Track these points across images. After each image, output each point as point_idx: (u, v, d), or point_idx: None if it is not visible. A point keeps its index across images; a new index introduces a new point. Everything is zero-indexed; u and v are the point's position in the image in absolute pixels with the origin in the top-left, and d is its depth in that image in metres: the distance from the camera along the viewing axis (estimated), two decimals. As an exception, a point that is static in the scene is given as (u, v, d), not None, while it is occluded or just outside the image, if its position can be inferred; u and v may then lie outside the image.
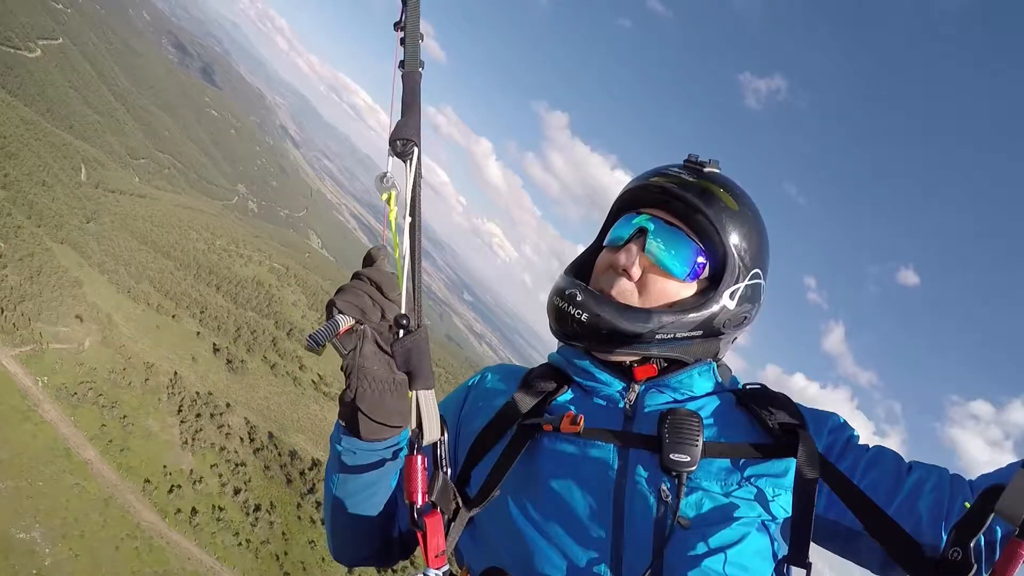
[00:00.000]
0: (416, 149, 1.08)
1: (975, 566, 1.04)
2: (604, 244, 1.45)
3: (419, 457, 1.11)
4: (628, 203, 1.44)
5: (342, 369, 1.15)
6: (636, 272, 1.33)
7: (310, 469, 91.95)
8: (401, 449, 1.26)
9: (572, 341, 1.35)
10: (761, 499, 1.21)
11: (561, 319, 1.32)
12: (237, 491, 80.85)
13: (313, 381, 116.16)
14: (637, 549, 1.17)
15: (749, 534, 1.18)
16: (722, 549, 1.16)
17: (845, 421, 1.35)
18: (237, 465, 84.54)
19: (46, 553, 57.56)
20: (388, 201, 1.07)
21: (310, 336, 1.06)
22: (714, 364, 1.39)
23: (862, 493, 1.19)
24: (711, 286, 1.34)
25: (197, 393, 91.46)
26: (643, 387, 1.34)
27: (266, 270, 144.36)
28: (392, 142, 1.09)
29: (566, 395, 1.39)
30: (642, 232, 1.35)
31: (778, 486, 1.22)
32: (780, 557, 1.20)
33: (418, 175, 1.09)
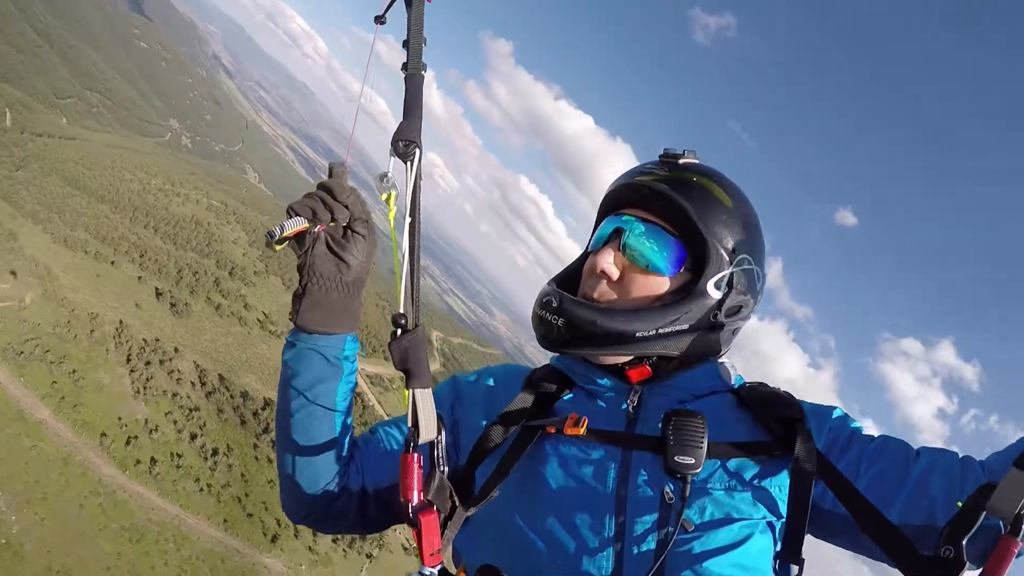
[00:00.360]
0: (418, 151, 1.10)
1: (967, 564, 1.05)
2: (588, 250, 1.46)
3: (415, 455, 1.11)
4: (610, 206, 1.43)
5: (297, 269, 1.21)
6: (614, 272, 1.32)
7: (263, 409, 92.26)
8: (347, 359, 1.28)
9: (558, 348, 1.34)
10: (764, 499, 1.22)
11: (543, 327, 1.32)
12: (193, 437, 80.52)
13: (259, 320, 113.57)
14: (640, 552, 1.16)
15: (752, 535, 1.19)
16: (725, 550, 1.16)
17: (846, 414, 1.35)
18: (191, 411, 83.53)
19: (12, 521, 55.74)
20: (388, 201, 1.08)
21: (267, 232, 1.11)
22: (717, 363, 1.38)
23: (856, 491, 1.20)
24: (694, 278, 1.32)
25: (144, 340, 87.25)
26: (645, 389, 1.33)
27: (204, 208, 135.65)
28: (395, 143, 1.09)
29: (568, 397, 1.39)
30: (619, 232, 1.34)
31: (779, 484, 1.23)
32: (775, 553, 1.21)
33: (419, 176, 1.10)
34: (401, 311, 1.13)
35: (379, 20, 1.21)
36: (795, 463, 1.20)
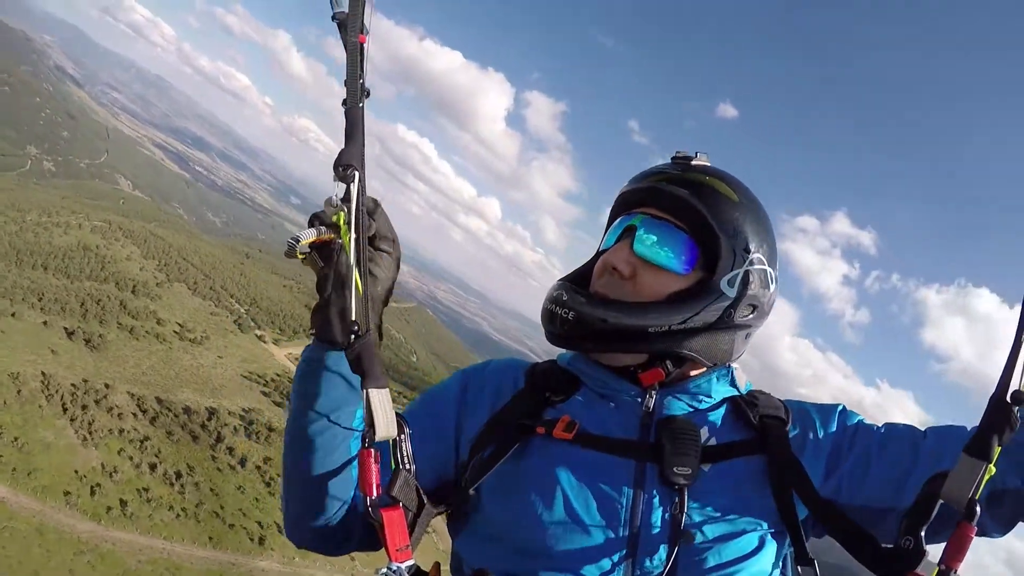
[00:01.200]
0: (357, 173, 1.15)
1: (927, 553, 1.07)
2: (600, 249, 1.46)
3: (371, 451, 1.13)
4: (622, 207, 1.42)
5: (318, 283, 1.20)
6: (626, 269, 1.30)
7: (208, 419, 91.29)
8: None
9: (565, 342, 1.33)
10: (763, 503, 1.23)
11: (551, 320, 1.31)
12: (153, 467, 78.41)
13: (175, 332, 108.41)
14: (646, 563, 1.16)
15: (763, 543, 1.21)
16: (738, 562, 1.17)
17: (844, 407, 1.37)
18: (142, 442, 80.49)
19: (13, 607, 56.16)
20: (338, 221, 1.15)
21: (290, 238, 1.15)
22: (733, 369, 1.39)
23: (816, 492, 1.21)
24: (707, 276, 1.30)
25: (73, 385, 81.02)
26: (659, 393, 1.31)
27: (87, 232, 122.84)
28: (336, 168, 1.15)
29: (576, 398, 1.36)
30: (630, 230, 1.33)
31: (767, 487, 1.23)
32: (783, 558, 1.22)
33: (360, 195, 1.16)
34: (353, 319, 1.15)
35: (335, 19, 1.20)
36: (768, 462, 1.24)
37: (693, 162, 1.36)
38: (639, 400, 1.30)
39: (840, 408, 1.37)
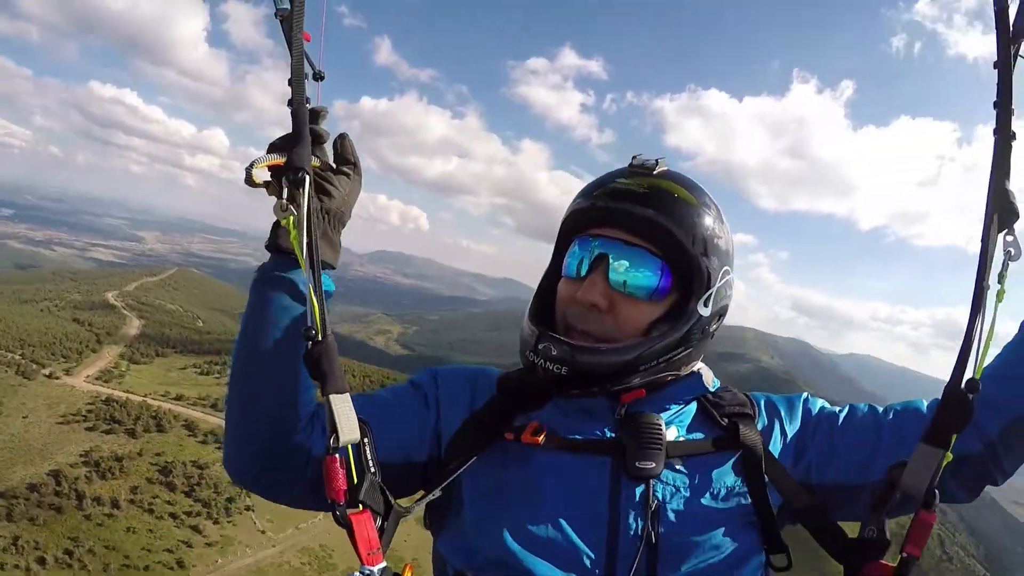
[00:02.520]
0: (307, 177, 1.16)
1: (891, 544, 1.12)
2: (563, 273, 1.38)
3: (336, 457, 1.12)
4: (581, 225, 1.35)
5: (282, 204, 1.17)
6: (604, 304, 1.27)
7: (57, 484, 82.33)
8: (325, 294, 1.20)
9: (563, 393, 1.30)
10: (734, 495, 1.25)
11: (545, 375, 1.26)
12: (42, 561, 70.31)
13: None
14: (622, 559, 1.17)
15: (737, 531, 1.23)
16: (713, 552, 1.20)
17: (808, 396, 1.43)
18: (14, 544, 71.24)
19: None
20: (288, 225, 1.15)
21: (246, 167, 1.18)
22: (700, 374, 1.40)
23: (789, 476, 1.28)
24: (682, 298, 1.30)
25: None
26: (631, 402, 1.32)
27: None
28: (286, 172, 1.17)
29: (549, 406, 1.35)
30: (602, 259, 1.28)
31: (738, 478, 1.26)
32: (759, 547, 1.25)
33: (311, 200, 1.17)
34: (309, 325, 1.15)
35: (277, 15, 1.19)
36: (742, 456, 1.27)
37: (655, 171, 1.31)
38: (612, 410, 1.32)
39: (804, 397, 1.43)
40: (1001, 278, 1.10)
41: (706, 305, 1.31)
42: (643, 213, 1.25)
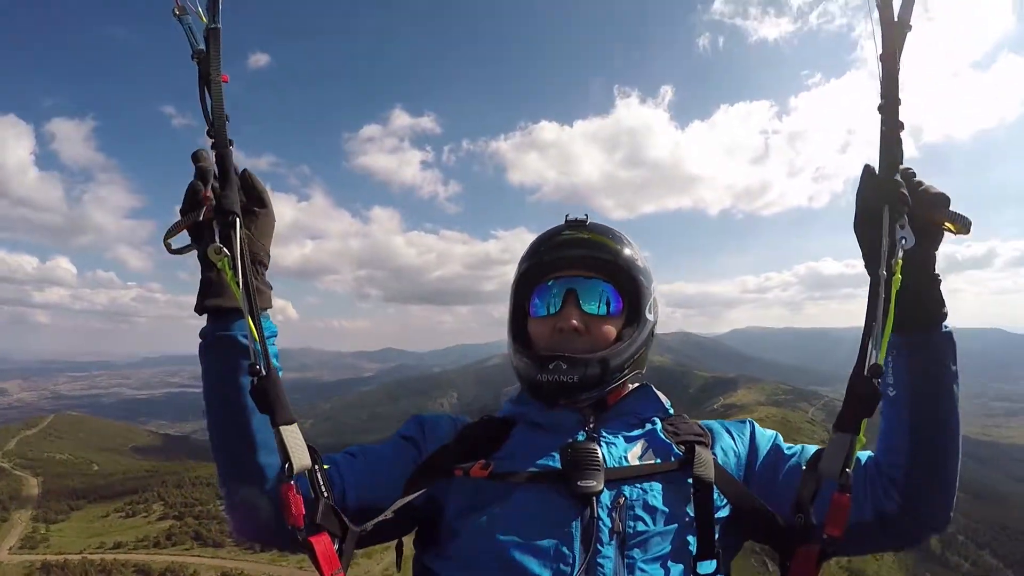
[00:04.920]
0: (237, 219, 1.22)
1: (816, 527, 1.24)
2: (532, 315, 1.63)
3: (292, 484, 1.19)
4: (536, 275, 1.64)
5: (209, 254, 1.23)
6: (583, 327, 1.53)
7: None
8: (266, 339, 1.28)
9: (567, 398, 1.51)
10: (681, 512, 1.38)
11: (556, 387, 1.48)
12: None
13: None
14: (594, 552, 1.29)
15: (682, 547, 1.34)
16: (654, 562, 1.31)
17: (753, 423, 1.64)
18: None
19: None
20: (224, 267, 1.20)
21: (165, 237, 1.28)
22: (651, 387, 1.67)
23: (736, 483, 1.44)
24: (633, 311, 1.60)
25: None
26: (597, 419, 1.54)
27: None
28: (217, 215, 1.22)
29: (506, 445, 1.51)
30: (570, 293, 1.57)
31: (687, 496, 1.39)
32: (691, 555, 1.34)
33: (243, 240, 1.22)
34: (252, 361, 1.20)
35: (194, 57, 1.24)
36: (694, 473, 1.38)
37: (588, 223, 1.65)
38: (581, 423, 1.52)
39: (750, 422, 1.64)
40: (896, 266, 1.16)
41: (650, 312, 1.64)
42: (592, 252, 1.60)
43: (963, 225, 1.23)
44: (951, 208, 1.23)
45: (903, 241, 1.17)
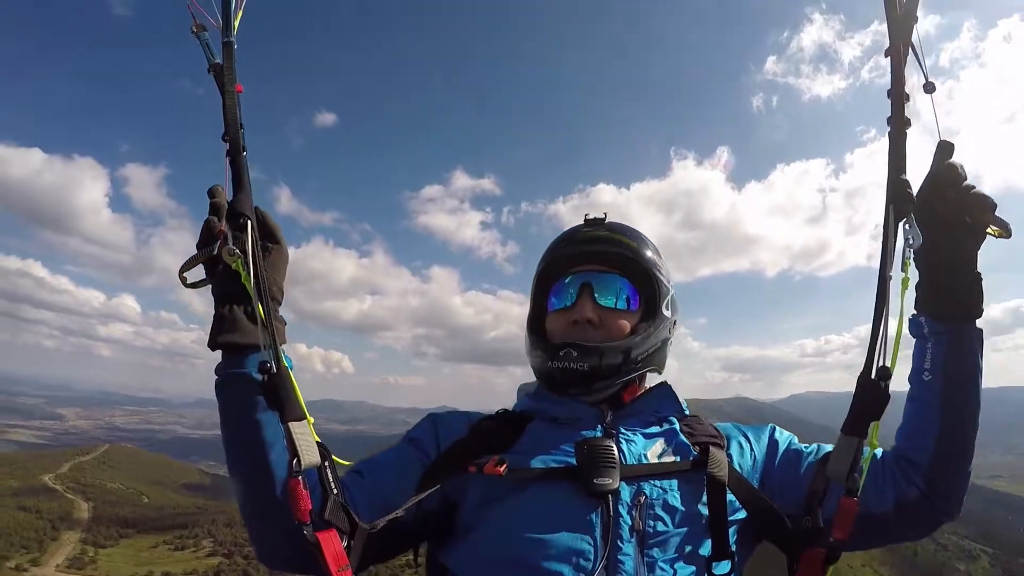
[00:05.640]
0: (249, 221, 1.23)
1: (824, 530, 1.25)
2: (550, 311, 1.66)
3: (299, 479, 1.17)
4: (555, 271, 1.67)
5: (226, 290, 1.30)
6: (596, 319, 1.55)
7: None
8: None
9: (572, 388, 1.52)
10: (696, 512, 1.37)
11: (566, 374, 1.49)
12: None
13: None
14: (614, 549, 1.28)
15: (699, 546, 1.34)
16: (672, 561, 1.31)
17: (775, 427, 1.63)
18: None
19: None
20: (237, 266, 1.22)
21: (181, 271, 1.28)
22: (669, 385, 1.66)
23: (750, 485, 1.43)
24: (650, 306, 1.61)
25: None
26: (614, 415, 1.53)
27: None
28: (230, 218, 1.24)
29: (521, 441, 1.49)
30: (586, 286, 1.58)
31: (703, 496, 1.39)
32: (707, 555, 1.34)
33: (255, 242, 1.23)
34: (264, 359, 1.21)
35: (211, 69, 1.28)
36: (708, 474, 1.39)
37: (607, 220, 1.67)
38: (598, 418, 1.52)
39: (771, 427, 1.63)
40: (904, 267, 1.17)
41: (667, 308, 1.64)
42: (610, 248, 1.61)
43: (1005, 229, 1.29)
44: (996, 213, 1.28)
45: (910, 240, 1.18)
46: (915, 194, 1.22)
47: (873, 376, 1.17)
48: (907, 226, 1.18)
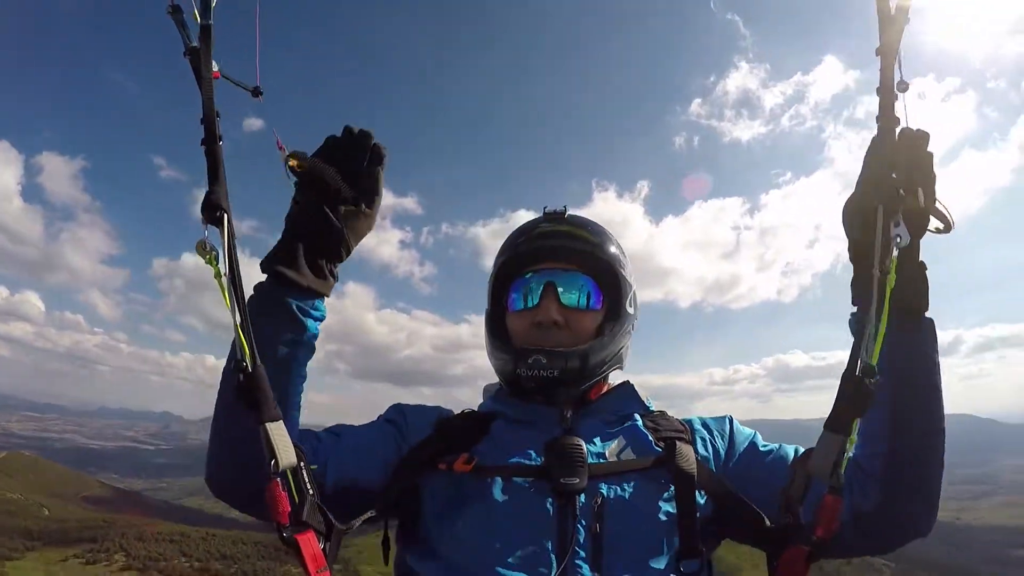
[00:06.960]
0: (226, 215, 1.15)
1: (805, 528, 1.18)
2: (511, 310, 1.60)
3: (277, 481, 1.15)
4: (514, 268, 1.60)
5: (290, 215, 1.34)
6: (561, 320, 1.50)
7: None
8: (318, 320, 1.42)
9: (541, 394, 1.50)
10: (662, 508, 1.36)
11: (537, 382, 1.45)
12: None
13: None
14: (571, 553, 1.27)
15: (664, 541, 1.33)
16: (631, 564, 1.29)
17: (732, 417, 1.61)
18: None
19: None
20: (210, 262, 1.14)
21: (290, 153, 1.29)
22: (632, 385, 1.63)
23: (721, 481, 1.41)
24: (613, 303, 1.57)
25: None
26: (574, 415, 1.50)
27: None
28: (203, 211, 1.15)
29: (486, 439, 1.47)
30: (549, 286, 1.53)
31: (669, 492, 1.37)
32: (672, 554, 1.33)
33: (231, 237, 1.16)
34: (239, 358, 1.17)
35: (186, 54, 1.21)
36: (675, 470, 1.37)
37: (567, 215, 1.61)
38: (558, 422, 1.48)
39: (729, 417, 1.60)
40: (891, 265, 1.12)
41: (631, 305, 1.60)
42: (571, 244, 1.56)
43: (945, 224, 1.25)
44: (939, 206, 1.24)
45: (898, 239, 1.13)
46: (856, 191, 1.22)
47: (858, 373, 1.11)
48: (895, 226, 1.13)
